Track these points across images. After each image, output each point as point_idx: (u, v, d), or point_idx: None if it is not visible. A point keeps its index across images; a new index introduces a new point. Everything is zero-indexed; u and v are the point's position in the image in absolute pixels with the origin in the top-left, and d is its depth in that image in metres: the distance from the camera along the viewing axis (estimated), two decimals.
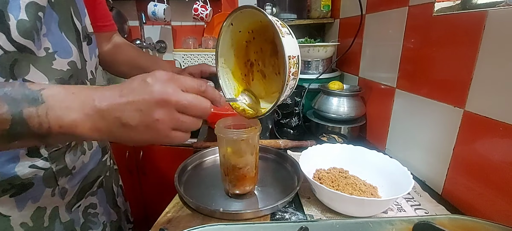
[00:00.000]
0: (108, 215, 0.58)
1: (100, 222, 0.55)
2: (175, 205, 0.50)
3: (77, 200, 0.49)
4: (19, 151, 0.39)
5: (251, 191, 0.55)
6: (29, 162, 0.40)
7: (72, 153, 0.46)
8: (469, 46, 0.47)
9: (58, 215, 0.46)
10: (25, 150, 0.39)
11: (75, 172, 0.47)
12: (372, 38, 0.82)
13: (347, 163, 0.60)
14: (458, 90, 0.50)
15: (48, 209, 0.44)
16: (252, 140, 0.50)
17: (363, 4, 0.80)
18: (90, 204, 0.53)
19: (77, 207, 0.49)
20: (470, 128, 0.48)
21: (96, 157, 0.54)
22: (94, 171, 0.53)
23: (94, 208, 0.53)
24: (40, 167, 0.41)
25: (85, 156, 0.50)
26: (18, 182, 0.39)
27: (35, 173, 0.41)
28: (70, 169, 0.46)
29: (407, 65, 0.65)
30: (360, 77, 0.90)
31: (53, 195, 0.44)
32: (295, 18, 1.20)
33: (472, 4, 0.46)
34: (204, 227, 0.36)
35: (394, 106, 0.70)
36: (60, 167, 0.44)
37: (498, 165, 0.43)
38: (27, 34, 0.35)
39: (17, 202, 0.40)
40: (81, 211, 0.51)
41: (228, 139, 0.49)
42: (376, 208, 0.47)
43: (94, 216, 0.54)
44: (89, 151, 0.51)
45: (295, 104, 0.82)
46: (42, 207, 0.43)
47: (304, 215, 0.49)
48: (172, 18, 1.49)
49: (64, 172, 0.45)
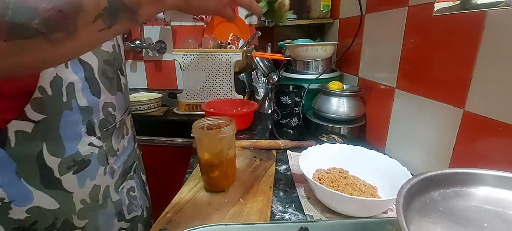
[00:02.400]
0: (143, 200, 0.62)
1: (139, 205, 0.59)
2: (175, 205, 0.50)
3: (122, 181, 0.53)
4: (80, 129, 0.43)
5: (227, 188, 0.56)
6: (88, 140, 0.44)
7: (116, 136, 0.51)
8: (469, 46, 0.47)
9: (109, 194, 0.50)
10: (85, 128, 0.43)
11: (119, 153, 0.52)
12: (371, 39, 0.82)
13: (347, 163, 0.60)
14: (458, 90, 0.50)
15: (102, 187, 0.48)
16: (227, 140, 0.52)
17: (363, 4, 0.80)
18: (131, 187, 0.56)
19: (122, 189, 0.53)
20: (469, 128, 0.48)
21: (131, 143, 0.58)
22: (131, 155, 0.57)
23: (133, 191, 0.57)
24: (95, 145, 0.46)
25: (124, 140, 0.54)
26: (79, 159, 0.43)
27: (92, 151, 0.45)
28: (115, 150, 0.50)
29: (406, 65, 0.65)
30: (359, 78, 0.90)
31: (105, 174, 0.48)
32: (295, 18, 1.21)
33: (472, 4, 0.46)
34: (204, 227, 0.36)
35: (393, 106, 0.70)
36: (109, 147, 0.49)
37: (498, 165, 0.43)
38: None
39: (78, 180, 0.44)
40: (125, 193, 0.54)
41: (202, 139, 0.51)
42: (376, 208, 0.47)
43: (134, 199, 0.57)
44: (127, 136, 0.56)
45: (295, 104, 0.82)
46: (97, 185, 0.47)
47: (304, 215, 0.49)
48: (172, 18, 1.49)
49: (112, 152, 0.49)
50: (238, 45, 1.32)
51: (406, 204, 0.26)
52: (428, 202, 0.28)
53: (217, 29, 1.48)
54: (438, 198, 0.29)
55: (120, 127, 0.52)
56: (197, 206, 0.50)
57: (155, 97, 1.18)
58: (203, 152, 0.52)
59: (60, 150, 0.41)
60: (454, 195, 0.29)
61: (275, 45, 1.39)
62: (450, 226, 0.26)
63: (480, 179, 0.30)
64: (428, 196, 0.29)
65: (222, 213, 0.48)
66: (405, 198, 0.26)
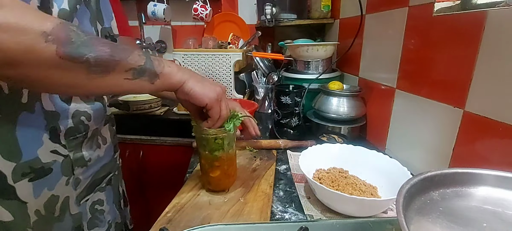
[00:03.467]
0: (113, 214, 0.59)
1: (106, 220, 0.56)
2: (175, 205, 0.50)
3: (87, 193, 0.50)
4: (42, 134, 0.41)
5: (228, 188, 0.55)
6: (51, 147, 0.42)
7: (89, 145, 0.49)
8: (469, 46, 0.47)
9: (68, 206, 0.47)
10: (48, 133, 0.42)
11: (90, 164, 0.50)
12: (372, 39, 0.82)
13: (347, 163, 0.60)
14: (458, 90, 0.50)
15: (61, 199, 0.45)
16: (228, 139, 0.52)
17: (363, 5, 0.80)
18: (98, 200, 0.54)
19: (86, 201, 0.50)
20: (469, 128, 0.48)
21: (109, 153, 0.56)
22: (106, 166, 0.55)
23: (101, 204, 0.55)
24: (60, 153, 0.44)
25: (100, 150, 0.52)
26: (38, 166, 0.41)
27: (55, 159, 0.43)
28: (86, 160, 0.48)
29: (407, 65, 0.65)
30: (360, 78, 0.90)
31: (67, 184, 0.46)
32: (295, 18, 1.20)
33: (472, 4, 0.46)
34: (204, 227, 0.37)
35: (394, 106, 0.70)
36: (78, 156, 0.47)
37: (498, 165, 0.43)
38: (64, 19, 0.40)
39: (34, 188, 0.41)
40: (89, 206, 0.52)
41: (203, 138, 0.51)
42: (376, 208, 0.47)
43: (100, 213, 0.54)
44: (104, 145, 0.54)
45: (295, 104, 0.82)
46: (55, 195, 0.44)
47: (304, 215, 0.49)
48: (172, 18, 1.49)
49: (80, 162, 0.47)
50: (238, 45, 1.32)
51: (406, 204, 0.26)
52: (428, 202, 0.28)
53: (217, 29, 1.48)
54: (438, 198, 0.29)
55: (93, 136, 0.50)
56: (197, 205, 0.51)
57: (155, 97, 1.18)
58: (204, 151, 0.52)
59: (16, 153, 0.38)
60: (454, 195, 0.29)
61: (275, 45, 1.39)
62: (450, 226, 0.26)
63: (480, 179, 0.30)
64: (428, 196, 0.29)
65: (222, 212, 0.48)
66: (405, 198, 0.26)
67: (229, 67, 1.06)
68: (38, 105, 0.40)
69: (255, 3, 1.35)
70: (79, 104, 0.46)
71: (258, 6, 1.29)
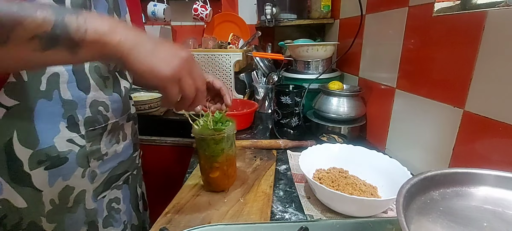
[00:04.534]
0: (129, 215, 0.58)
1: (121, 220, 0.55)
2: (174, 205, 0.50)
3: (103, 188, 0.50)
4: (59, 122, 0.40)
5: (227, 188, 0.55)
6: (68, 135, 0.42)
7: (108, 138, 0.48)
8: (469, 46, 0.47)
9: (84, 200, 0.46)
10: (65, 122, 0.41)
11: (107, 158, 0.48)
12: (372, 39, 0.82)
13: (347, 163, 0.60)
14: (458, 90, 0.50)
15: (76, 190, 0.45)
16: (228, 140, 0.52)
17: (363, 5, 0.80)
18: (115, 198, 0.53)
19: (103, 197, 0.50)
20: (469, 128, 0.48)
21: (127, 151, 0.55)
22: (123, 164, 0.53)
23: (117, 203, 0.54)
24: (76, 143, 0.43)
25: (118, 145, 0.51)
26: (54, 154, 0.40)
27: (71, 149, 0.42)
28: (102, 153, 0.47)
29: (407, 65, 0.65)
30: (360, 78, 0.90)
31: (83, 176, 0.45)
32: (295, 18, 1.20)
33: (472, 4, 0.46)
34: (204, 227, 0.37)
35: (394, 106, 0.70)
36: (94, 148, 0.45)
37: (498, 165, 0.43)
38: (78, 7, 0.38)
39: (49, 177, 0.41)
40: (106, 203, 0.51)
41: (202, 138, 0.51)
42: (376, 208, 0.47)
43: (117, 212, 0.54)
44: (123, 142, 0.52)
45: (295, 104, 0.82)
46: (70, 186, 0.44)
47: (304, 215, 0.49)
48: (172, 18, 1.49)
49: (96, 154, 0.46)
50: (238, 45, 1.32)
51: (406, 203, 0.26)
52: (428, 201, 0.28)
53: (217, 29, 1.48)
54: (438, 198, 0.29)
55: (113, 130, 0.49)
56: (197, 205, 0.50)
57: (155, 97, 1.18)
58: (204, 151, 0.52)
59: (33, 141, 0.38)
60: (454, 195, 0.29)
61: (275, 45, 1.39)
62: (450, 225, 0.26)
63: (480, 179, 0.30)
64: (428, 195, 0.29)
65: (222, 213, 0.48)
66: (405, 198, 0.26)
67: (229, 67, 1.06)
68: (56, 93, 0.39)
69: (255, 3, 1.35)
70: (98, 94, 0.45)
71: (258, 6, 1.29)
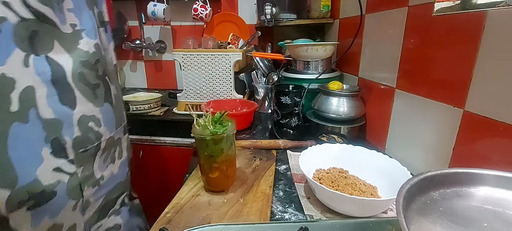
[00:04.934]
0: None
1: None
2: (174, 205, 0.50)
3: (98, 218, 0.42)
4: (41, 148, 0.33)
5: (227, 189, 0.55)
6: (54, 163, 0.34)
7: (101, 159, 0.40)
8: (469, 46, 0.47)
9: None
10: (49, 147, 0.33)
11: (103, 182, 0.41)
12: (372, 38, 0.82)
13: (347, 163, 0.60)
14: (458, 90, 0.50)
15: (64, 227, 0.37)
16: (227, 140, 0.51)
17: (363, 4, 0.80)
18: (114, 226, 0.45)
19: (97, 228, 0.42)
20: (469, 128, 0.48)
21: (124, 169, 0.47)
22: (120, 185, 0.46)
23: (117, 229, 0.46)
24: (65, 171, 0.35)
25: (114, 165, 0.44)
26: (38, 190, 0.33)
27: (59, 180, 0.35)
28: (97, 178, 0.40)
29: (406, 65, 0.65)
30: (359, 78, 0.90)
31: (74, 209, 0.37)
32: (295, 18, 1.20)
33: (472, 4, 0.46)
34: (204, 227, 0.36)
35: (393, 106, 0.70)
36: (87, 174, 0.38)
37: (498, 165, 0.43)
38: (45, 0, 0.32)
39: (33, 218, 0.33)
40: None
41: (202, 138, 0.50)
42: (376, 208, 0.47)
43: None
44: (119, 160, 0.45)
45: (295, 104, 0.82)
46: (58, 224, 0.36)
47: (304, 215, 0.49)
48: (171, 18, 1.49)
49: (90, 180, 0.39)
50: (238, 45, 1.32)
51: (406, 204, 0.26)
52: (428, 202, 0.28)
53: (217, 29, 1.48)
54: (438, 198, 0.29)
55: (108, 147, 0.41)
56: (197, 206, 0.50)
57: (155, 97, 1.18)
58: (203, 152, 0.52)
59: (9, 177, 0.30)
60: (454, 195, 0.29)
61: (275, 45, 1.39)
62: (450, 226, 0.26)
63: (480, 179, 0.30)
64: (428, 196, 0.29)
65: (222, 213, 0.48)
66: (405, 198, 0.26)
67: (229, 67, 1.06)
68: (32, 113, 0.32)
69: (255, 3, 1.35)
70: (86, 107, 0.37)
71: (258, 6, 1.29)
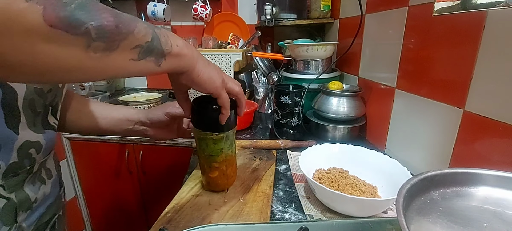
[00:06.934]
0: None
1: None
2: (174, 205, 0.50)
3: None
4: None
5: (227, 188, 0.55)
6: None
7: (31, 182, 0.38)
8: (469, 46, 0.47)
9: None
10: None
11: (36, 205, 0.39)
12: (372, 38, 0.82)
13: (347, 163, 0.60)
14: (458, 90, 0.50)
15: None
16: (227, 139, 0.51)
17: (363, 4, 0.80)
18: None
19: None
20: (469, 128, 0.48)
21: (55, 189, 0.45)
22: (52, 206, 0.44)
23: None
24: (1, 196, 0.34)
25: (45, 186, 0.42)
26: None
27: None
28: (32, 201, 0.38)
29: (407, 65, 0.65)
30: (360, 77, 0.90)
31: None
32: (295, 18, 1.20)
33: (472, 4, 0.46)
34: (204, 227, 0.36)
35: (394, 106, 0.70)
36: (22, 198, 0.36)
37: (498, 165, 0.43)
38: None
39: None
40: None
41: (202, 138, 0.50)
42: (376, 208, 0.47)
43: None
44: (49, 180, 0.43)
45: (295, 104, 0.82)
46: None
47: (304, 215, 0.49)
48: (171, 18, 1.49)
49: (25, 205, 0.37)
50: (238, 45, 1.32)
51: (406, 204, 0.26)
52: (428, 202, 0.28)
53: (217, 29, 1.48)
54: (438, 198, 0.29)
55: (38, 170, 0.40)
56: (197, 206, 0.50)
57: (155, 97, 1.18)
58: (203, 151, 0.52)
59: None
60: (454, 195, 0.29)
61: (275, 45, 1.39)
62: (450, 226, 0.26)
63: (480, 179, 0.30)
64: (428, 196, 0.29)
65: (222, 213, 0.48)
66: (405, 198, 0.26)
67: (229, 67, 1.06)
68: None
69: (255, 3, 1.35)
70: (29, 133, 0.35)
71: (258, 6, 1.29)
